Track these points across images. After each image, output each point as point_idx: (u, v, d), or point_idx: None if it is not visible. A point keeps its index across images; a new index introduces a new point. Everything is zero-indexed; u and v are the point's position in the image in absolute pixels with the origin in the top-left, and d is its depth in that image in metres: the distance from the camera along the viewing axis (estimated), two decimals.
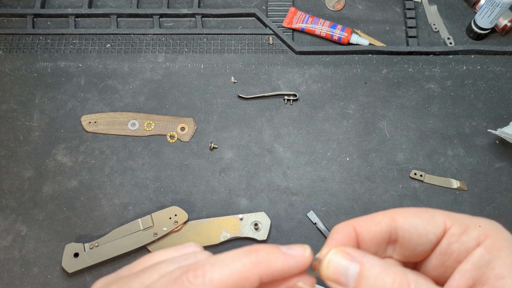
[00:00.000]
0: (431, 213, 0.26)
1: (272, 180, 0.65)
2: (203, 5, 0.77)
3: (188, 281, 0.22)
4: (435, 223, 0.25)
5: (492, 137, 0.66)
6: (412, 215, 0.26)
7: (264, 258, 0.23)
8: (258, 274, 0.23)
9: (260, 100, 0.70)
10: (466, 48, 0.71)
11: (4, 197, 0.65)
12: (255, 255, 0.23)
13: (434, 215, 0.26)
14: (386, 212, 0.26)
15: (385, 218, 0.26)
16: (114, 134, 0.68)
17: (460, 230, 0.25)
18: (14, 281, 0.60)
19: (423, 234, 0.25)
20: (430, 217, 0.26)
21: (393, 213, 0.26)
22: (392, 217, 0.26)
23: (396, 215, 0.26)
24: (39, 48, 0.73)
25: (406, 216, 0.26)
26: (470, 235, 0.25)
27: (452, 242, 0.25)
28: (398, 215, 0.26)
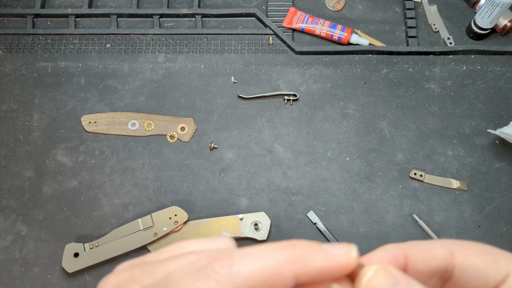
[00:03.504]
0: (494, 255, 0.24)
1: (272, 180, 0.65)
2: (203, 5, 0.77)
3: (213, 271, 0.20)
4: (498, 267, 0.23)
5: (492, 137, 0.66)
6: (474, 255, 0.23)
7: (302, 254, 0.20)
8: (293, 272, 0.20)
9: (260, 100, 0.70)
10: (466, 48, 0.71)
11: (4, 197, 0.65)
12: (292, 250, 0.20)
13: (498, 258, 0.23)
14: (445, 243, 0.24)
15: (444, 252, 0.23)
16: (114, 134, 0.68)
17: None
18: (14, 281, 0.60)
19: (482, 278, 0.23)
20: (493, 260, 0.23)
21: (453, 247, 0.24)
22: (451, 252, 0.23)
23: (456, 250, 0.24)
24: (39, 48, 0.73)
25: (468, 255, 0.23)
26: None
27: None
28: (459, 251, 0.24)
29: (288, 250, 0.20)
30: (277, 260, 0.20)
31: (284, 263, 0.20)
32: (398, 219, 0.62)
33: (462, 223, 0.62)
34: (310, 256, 0.20)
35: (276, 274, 0.20)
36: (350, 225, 0.62)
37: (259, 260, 0.20)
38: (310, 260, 0.20)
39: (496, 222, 0.62)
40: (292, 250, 0.20)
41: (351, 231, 0.62)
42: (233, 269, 0.19)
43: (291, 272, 0.20)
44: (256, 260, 0.20)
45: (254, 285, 0.19)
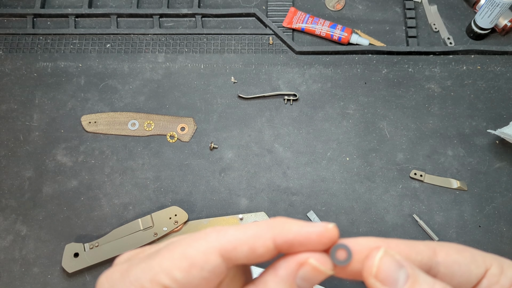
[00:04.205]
0: (471, 252, 0.25)
1: (272, 180, 0.65)
2: (203, 5, 0.77)
3: (204, 233, 0.24)
4: (477, 263, 0.25)
5: (492, 137, 0.66)
6: (455, 252, 0.25)
7: (280, 221, 0.23)
8: (271, 234, 0.23)
9: (260, 100, 0.70)
10: (466, 48, 0.71)
11: (4, 197, 0.65)
12: (273, 219, 0.24)
13: (475, 255, 0.25)
14: (427, 243, 0.25)
15: (428, 250, 0.25)
16: (114, 134, 0.68)
17: (498, 270, 0.25)
18: (14, 281, 0.60)
19: (466, 273, 0.25)
20: (471, 256, 0.25)
21: (435, 246, 0.25)
22: (434, 250, 0.25)
23: (439, 249, 0.25)
24: (39, 48, 0.73)
25: (449, 252, 0.25)
26: (508, 275, 0.25)
27: (493, 283, 0.25)
28: (441, 249, 0.25)
29: (269, 220, 0.24)
30: (259, 227, 0.23)
31: (264, 228, 0.23)
32: (398, 219, 0.62)
33: (462, 223, 0.62)
34: (287, 222, 0.23)
35: (256, 235, 0.23)
36: (350, 225, 0.62)
37: (244, 228, 0.23)
38: (287, 226, 0.23)
39: (496, 222, 0.62)
40: (273, 219, 0.24)
41: (351, 231, 0.62)
42: (221, 232, 0.24)
43: (269, 234, 0.23)
44: (242, 227, 0.23)
45: (237, 244, 0.23)
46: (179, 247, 0.24)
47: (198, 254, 0.23)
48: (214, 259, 0.23)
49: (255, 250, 0.23)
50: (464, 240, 0.61)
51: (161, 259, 0.24)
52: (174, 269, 0.23)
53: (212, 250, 0.23)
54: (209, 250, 0.23)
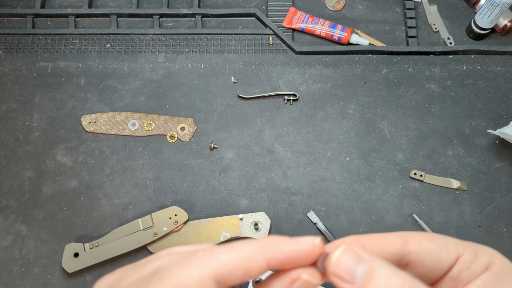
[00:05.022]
0: (444, 240, 0.26)
1: (272, 180, 0.65)
2: (203, 5, 0.77)
3: (196, 259, 0.23)
4: (448, 250, 0.25)
5: (492, 137, 0.66)
6: (426, 240, 0.26)
7: (272, 242, 0.23)
8: (264, 256, 0.23)
9: (260, 100, 0.70)
10: (466, 48, 0.71)
11: (4, 197, 0.65)
12: (263, 240, 0.24)
13: (447, 242, 0.26)
14: (399, 233, 0.26)
15: (399, 240, 0.26)
16: (114, 134, 0.68)
17: (471, 257, 0.25)
18: (14, 281, 0.60)
19: (436, 260, 0.25)
20: (443, 243, 0.26)
21: (407, 236, 0.26)
22: (405, 240, 0.26)
23: (410, 238, 0.26)
24: (39, 48, 0.73)
25: (421, 241, 0.26)
26: (480, 262, 0.25)
27: (464, 269, 0.25)
28: (412, 238, 0.26)
29: (260, 240, 0.24)
30: (251, 248, 0.23)
31: (256, 250, 0.23)
32: (398, 219, 0.62)
33: (462, 223, 0.62)
34: (279, 243, 0.23)
35: (249, 258, 0.23)
36: (350, 225, 0.62)
37: (235, 249, 0.23)
38: (279, 246, 0.23)
39: (496, 222, 0.62)
40: (264, 240, 0.24)
41: (351, 231, 0.62)
42: (213, 256, 0.23)
43: (262, 256, 0.23)
44: (233, 249, 0.23)
45: (231, 268, 0.23)
46: (172, 276, 0.23)
47: (192, 283, 0.23)
48: (208, 285, 0.23)
49: (249, 272, 0.24)
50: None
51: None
52: None
53: (207, 277, 0.23)
54: (203, 277, 0.23)
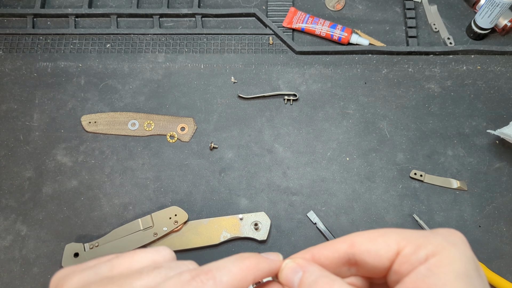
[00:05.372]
0: (386, 237, 0.28)
1: (272, 180, 0.65)
2: (203, 5, 0.77)
3: (201, 282, 0.25)
4: (388, 247, 0.28)
5: (492, 137, 0.66)
6: (367, 240, 0.29)
7: (254, 263, 0.28)
8: (253, 277, 0.28)
9: (260, 100, 0.70)
10: (466, 48, 0.71)
11: (4, 197, 0.65)
12: (248, 260, 0.28)
13: (388, 239, 0.28)
14: (346, 238, 0.30)
15: (344, 245, 0.29)
16: (114, 134, 0.68)
17: (411, 250, 0.27)
18: (14, 281, 0.60)
19: (376, 258, 0.28)
20: (384, 241, 0.28)
21: (352, 238, 0.29)
22: (351, 243, 0.29)
23: (355, 240, 0.29)
24: (39, 48, 0.73)
25: (362, 242, 0.29)
26: (419, 255, 0.27)
27: (403, 262, 0.27)
28: (357, 241, 0.29)
29: (245, 261, 0.27)
30: (241, 269, 0.27)
31: (246, 271, 0.27)
32: (398, 219, 0.62)
33: (462, 223, 0.62)
34: (260, 263, 0.28)
35: (243, 279, 0.27)
36: (350, 225, 0.62)
37: (230, 271, 0.26)
38: (261, 266, 0.28)
39: (496, 222, 0.62)
40: (248, 261, 0.28)
41: (351, 231, 0.61)
42: (217, 279, 0.25)
43: (252, 276, 0.28)
44: (229, 271, 0.26)
45: None
46: None
47: None
48: None
49: None
50: None
51: None
52: None
53: None
54: None
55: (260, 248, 0.61)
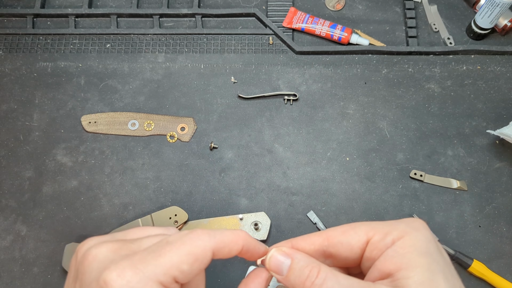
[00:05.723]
0: (356, 229, 0.32)
1: (272, 180, 0.65)
2: (203, 5, 0.77)
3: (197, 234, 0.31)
4: (358, 237, 0.32)
5: (492, 137, 0.66)
6: (340, 233, 0.33)
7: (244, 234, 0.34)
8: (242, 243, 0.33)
9: (260, 100, 0.70)
10: (466, 48, 0.71)
11: (4, 197, 0.65)
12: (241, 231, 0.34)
13: (358, 230, 0.32)
14: (322, 232, 0.33)
15: (319, 239, 0.33)
16: (114, 134, 0.68)
17: (379, 238, 0.31)
18: (14, 281, 0.60)
19: (348, 248, 0.32)
20: (354, 233, 0.32)
21: (327, 232, 0.33)
22: (326, 236, 0.33)
23: (329, 234, 0.33)
24: (39, 48, 0.73)
25: (335, 235, 0.33)
26: (386, 241, 0.31)
27: (372, 249, 0.31)
28: (331, 234, 0.33)
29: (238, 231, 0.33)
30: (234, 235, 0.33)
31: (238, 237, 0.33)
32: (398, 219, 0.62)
33: (462, 223, 0.62)
34: (248, 237, 0.33)
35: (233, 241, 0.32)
36: None
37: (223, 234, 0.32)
38: (248, 240, 0.33)
39: (496, 222, 0.62)
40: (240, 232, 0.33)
41: None
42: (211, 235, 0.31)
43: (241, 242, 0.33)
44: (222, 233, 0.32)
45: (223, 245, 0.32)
46: (185, 246, 0.31)
47: (200, 251, 0.31)
48: (209, 255, 0.31)
49: (231, 251, 0.33)
50: (464, 240, 0.61)
51: (171, 256, 0.30)
52: (182, 264, 0.30)
53: (209, 248, 0.31)
54: (207, 248, 0.31)
55: None
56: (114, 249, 0.32)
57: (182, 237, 0.32)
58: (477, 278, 0.59)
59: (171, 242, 0.31)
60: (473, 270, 0.58)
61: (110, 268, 0.30)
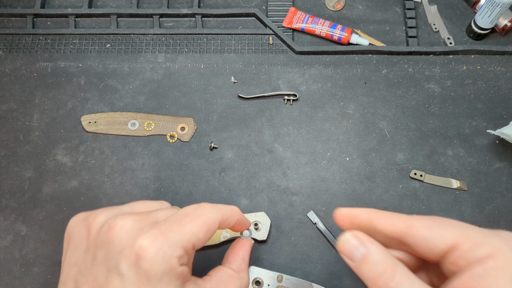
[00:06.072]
0: (444, 229, 0.29)
1: (272, 180, 0.65)
2: (203, 5, 0.77)
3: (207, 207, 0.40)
4: (444, 239, 0.29)
5: (492, 137, 0.66)
6: (425, 227, 0.30)
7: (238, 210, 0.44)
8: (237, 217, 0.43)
9: (260, 100, 0.70)
10: (466, 48, 0.71)
11: (4, 197, 0.65)
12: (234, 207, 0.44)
13: (446, 232, 0.29)
14: (405, 217, 0.31)
15: (401, 223, 0.31)
16: (114, 134, 0.68)
17: (469, 247, 0.28)
18: (14, 281, 0.60)
19: (429, 245, 0.30)
20: (441, 233, 0.29)
21: (411, 220, 0.31)
22: (409, 224, 0.31)
23: (413, 223, 0.31)
24: (39, 48, 0.73)
25: (420, 228, 0.30)
26: (476, 254, 0.27)
27: (458, 257, 0.28)
28: (415, 225, 0.30)
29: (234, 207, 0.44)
30: (232, 210, 0.43)
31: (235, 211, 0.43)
32: None
33: None
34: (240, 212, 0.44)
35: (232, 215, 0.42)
36: None
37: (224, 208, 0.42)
38: (242, 214, 0.45)
39: (496, 222, 0.62)
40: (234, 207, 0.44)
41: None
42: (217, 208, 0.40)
43: (237, 217, 0.43)
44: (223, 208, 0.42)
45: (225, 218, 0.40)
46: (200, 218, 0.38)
47: (211, 222, 0.38)
48: (217, 225, 0.38)
49: (230, 223, 0.41)
50: None
51: (191, 226, 0.36)
52: (199, 232, 0.37)
53: (217, 220, 0.38)
54: (216, 220, 0.38)
55: (260, 248, 0.61)
56: (138, 219, 0.36)
57: (195, 210, 0.38)
58: None
59: (188, 214, 0.37)
60: None
61: (143, 236, 0.34)
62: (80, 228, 0.40)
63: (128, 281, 0.33)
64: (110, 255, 0.34)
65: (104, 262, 0.35)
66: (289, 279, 0.55)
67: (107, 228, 0.36)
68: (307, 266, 0.60)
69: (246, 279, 0.44)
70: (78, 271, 0.36)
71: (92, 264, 0.35)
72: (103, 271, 0.34)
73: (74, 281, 0.36)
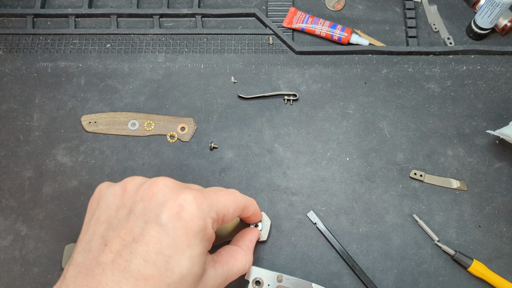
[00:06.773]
0: None
1: (272, 180, 0.65)
2: (203, 5, 0.77)
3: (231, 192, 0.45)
4: None
5: (492, 137, 0.66)
6: None
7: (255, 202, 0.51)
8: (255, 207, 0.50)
9: (260, 100, 0.70)
10: (466, 48, 0.71)
11: (4, 197, 0.65)
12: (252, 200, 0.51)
13: None
14: None
15: None
16: (114, 134, 0.68)
17: None
18: (14, 281, 0.60)
19: None
20: None
21: None
22: None
23: None
24: (39, 48, 0.73)
25: None
26: None
27: None
28: None
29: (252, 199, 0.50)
30: (252, 200, 0.49)
31: (254, 202, 0.50)
32: (398, 219, 0.62)
33: (462, 223, 0.62)
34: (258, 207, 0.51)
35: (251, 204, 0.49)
36: (350, 225, 0.62)
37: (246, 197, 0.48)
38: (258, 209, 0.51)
39: (496, 222, 0.62)
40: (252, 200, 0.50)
41: (351, 231, 0.62)
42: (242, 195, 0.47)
43: (255, 206, 0.49)
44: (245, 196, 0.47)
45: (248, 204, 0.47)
46: (232, 195, 0.43)
47: (239, 202, 0.44)
48: (242, 208, 0.44)
49: (248, 212, 0.47)
50: (464, 240, 0.61)
51: (226, 198, 0.41)
52: (230, 207, 0.42)
53: (243, 203, 0.45)
54: (243, 202, 0.45)
55: (260, 248, 0.61)
56: (177, 182, 0.40)
57: (228, 189, 0.44)
58: (477, 278, 0.59)
59: (221, 190, 0.42)
60: (473, 270, 0.58)
61: (186, 192, 0.38)
62: (114, 189, 0.42)
63: (166, 231, 0.35)
64: (150, 207, 0.37)
65: (142, 215, 0.37)
66: (289, 279, 0.55)
67: (149, 184, 0.38)
68: (307, 266, 0.60)
69: (252, 257, 0.49)
70: (108, 226, 0.38)
71: (127, 218, 0.37)
72: (139, 223, 0.36)
73: (101, 237, 0.38)
